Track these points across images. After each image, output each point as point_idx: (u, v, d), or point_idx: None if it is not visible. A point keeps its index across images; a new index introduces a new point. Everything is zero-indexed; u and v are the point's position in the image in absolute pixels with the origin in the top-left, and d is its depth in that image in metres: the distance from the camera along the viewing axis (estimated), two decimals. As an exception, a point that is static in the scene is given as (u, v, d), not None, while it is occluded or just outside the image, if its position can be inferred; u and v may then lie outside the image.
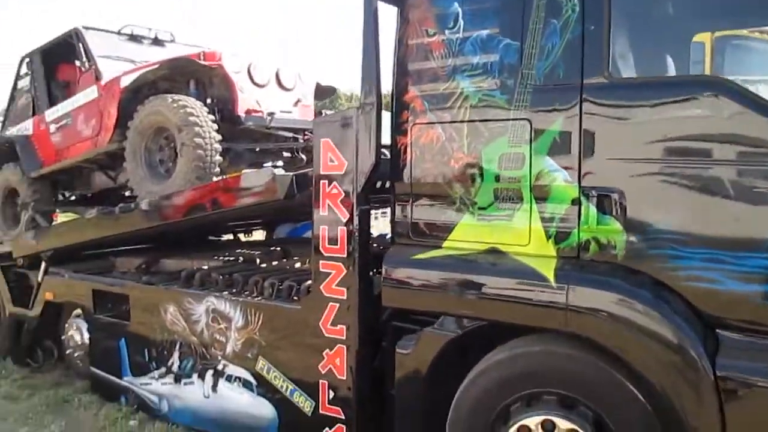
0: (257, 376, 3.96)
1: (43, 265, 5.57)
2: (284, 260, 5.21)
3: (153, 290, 4.62)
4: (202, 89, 5.21)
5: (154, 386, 4.60)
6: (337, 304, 3.54)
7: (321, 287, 3.60)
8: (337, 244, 3.52)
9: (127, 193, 6.78)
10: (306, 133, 5.49)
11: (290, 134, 5.55)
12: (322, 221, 3.58)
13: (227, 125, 5.03)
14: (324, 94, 6.25)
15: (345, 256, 3.50)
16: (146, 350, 4.63)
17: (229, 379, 4.11)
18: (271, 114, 5.20)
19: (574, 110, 2.78)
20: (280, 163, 5.87)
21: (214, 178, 4.91)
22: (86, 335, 5.29)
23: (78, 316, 5.42)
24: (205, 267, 4.84)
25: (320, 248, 3.59)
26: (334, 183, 3.51)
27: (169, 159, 5.10)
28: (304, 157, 5.84)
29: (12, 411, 4.82)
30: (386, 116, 3.40)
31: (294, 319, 3.79)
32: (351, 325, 3.50)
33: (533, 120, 2.88)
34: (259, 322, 3.93)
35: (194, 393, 4.32)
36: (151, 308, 4.58)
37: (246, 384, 4.02)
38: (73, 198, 6.86)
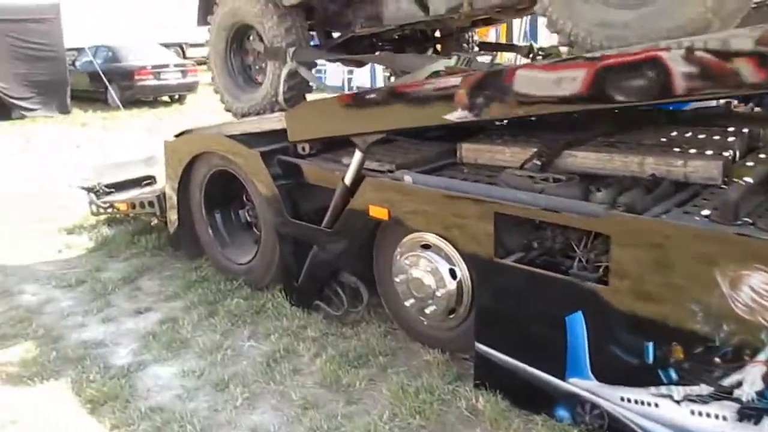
0: None
1: (357, 156, 3.24)
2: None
3: (715, 235, 2.24)
4: None
5: (668, 411, 2.38)
6: None
7: None
8: None
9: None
10: None
11: None
12: None
13: None
14: None
15: None
16: (651, 344, 2.39)
17: None
18: None
19: None
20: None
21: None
22: (451, 282, 3.09)
23: (427, 247, 3.19)
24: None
25: None
26: None
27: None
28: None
29: (364, 420, 2.71)
30: None
31: None
32: None
33: None
34: None
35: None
36: (685, 268, 2.27)
37: None
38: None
